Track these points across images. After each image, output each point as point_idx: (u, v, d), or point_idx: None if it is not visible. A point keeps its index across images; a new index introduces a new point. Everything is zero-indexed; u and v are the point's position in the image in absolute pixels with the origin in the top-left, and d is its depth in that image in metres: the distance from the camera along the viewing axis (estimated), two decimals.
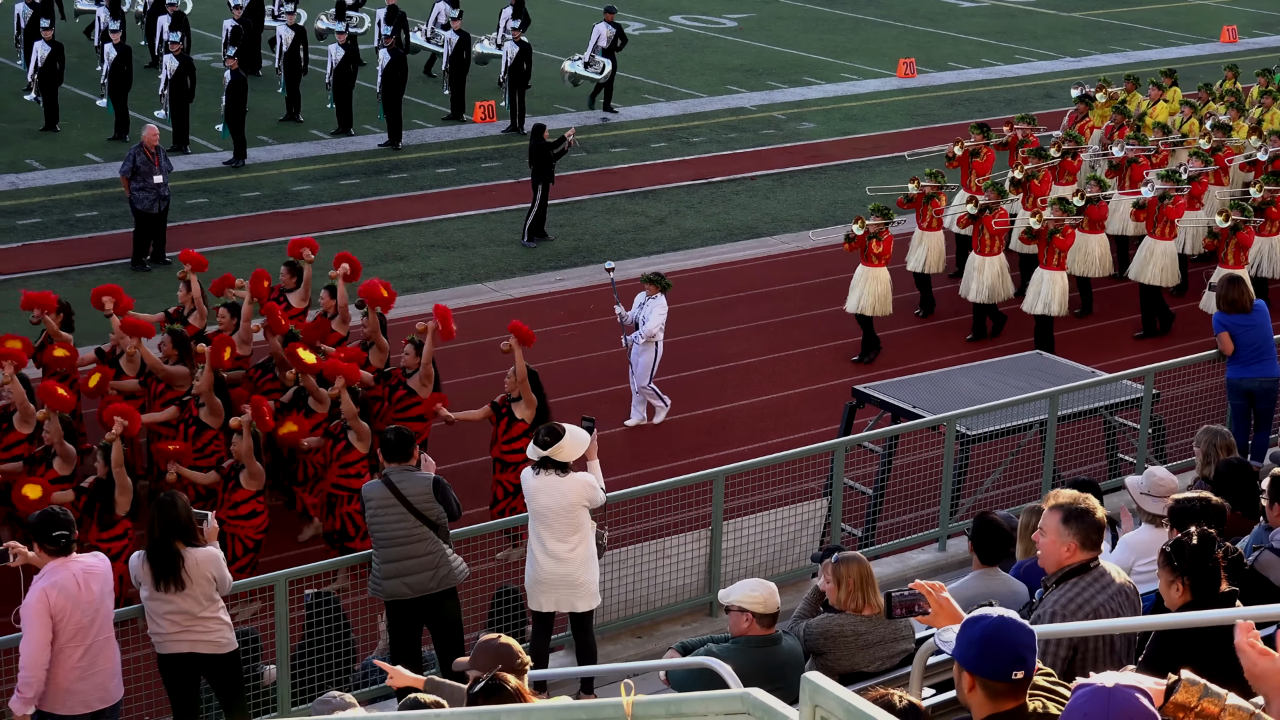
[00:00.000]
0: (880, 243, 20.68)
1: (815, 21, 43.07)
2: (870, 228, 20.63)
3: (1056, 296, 20.87)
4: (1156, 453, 16.48)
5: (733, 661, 8.92)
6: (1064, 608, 7.83)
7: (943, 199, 22.33)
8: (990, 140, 23.71)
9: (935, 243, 22.27)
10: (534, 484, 12.21)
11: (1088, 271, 22.24)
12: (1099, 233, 22.20)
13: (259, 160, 28.82)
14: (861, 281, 20.84)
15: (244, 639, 11.56)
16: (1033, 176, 22.71)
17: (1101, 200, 22.08)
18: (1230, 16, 44.05)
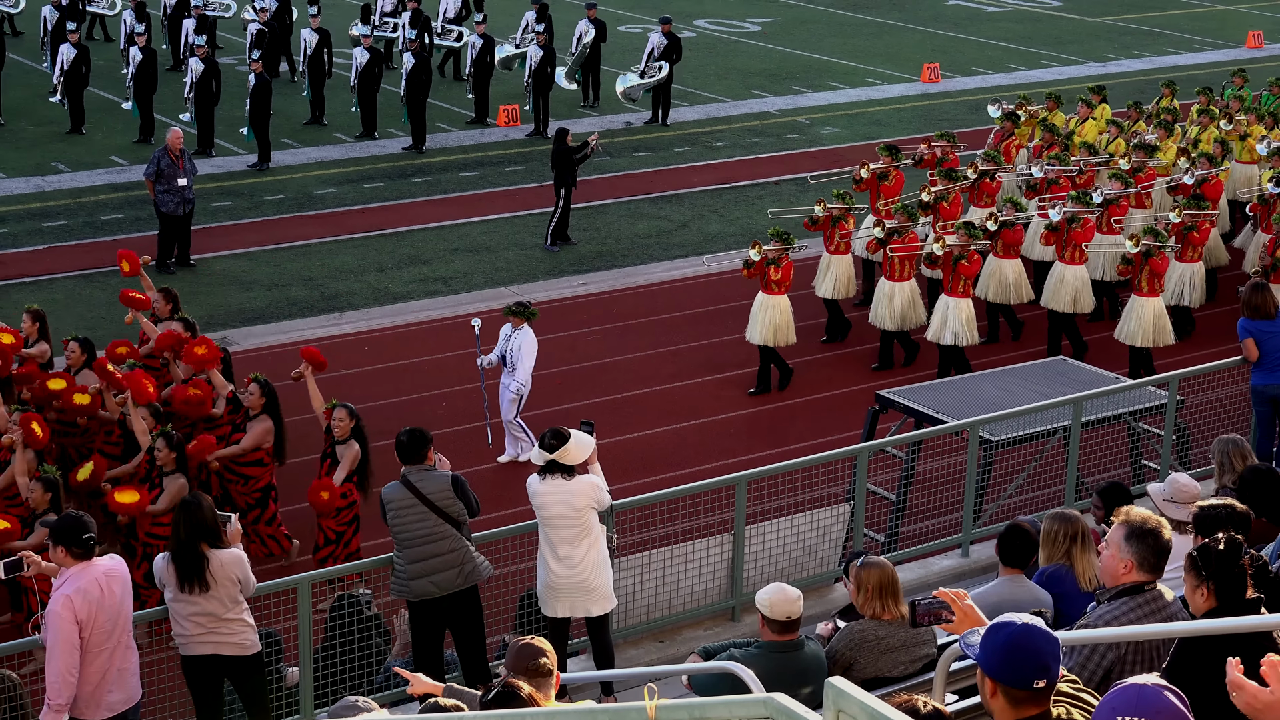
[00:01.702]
0: (779, 269, 19.70)
1: (839, 26, 43.05)
2: (768, 253, 19.70)
3: (964, 324, 19.90)
4: (1180, 459, 16.43)
5: (755, 666, 8.92)
6: (1105, 625, 7.80)
7: (850, 221, 21.43)
8: (899, 162, 22.77)
9: (844, 267, 21.36)
10: (540, 489, 12.19)
11: (1003, 298, 21.28)
12: (1014, 258, 21.28)
13: (283, 163, 28.90)
14: (761, 310, 19.88)
15: (267, 641, 11.58)
16: (942, 199, 21.88)
17: (1017, 224, 21.23)
18: (1256, 22, 43.93)
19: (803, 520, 14.25)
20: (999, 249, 21.03)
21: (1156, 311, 19.94)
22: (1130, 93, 29.76)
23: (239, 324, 21.75)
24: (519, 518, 13.48)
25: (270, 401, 15.67)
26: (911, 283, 20.64)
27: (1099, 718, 4.73)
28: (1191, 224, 21.01)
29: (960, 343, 19.90)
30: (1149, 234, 19.92)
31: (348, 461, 14.79)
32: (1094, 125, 25.77)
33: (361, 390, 19.77)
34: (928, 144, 24.12)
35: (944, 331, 19.96)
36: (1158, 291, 20.06)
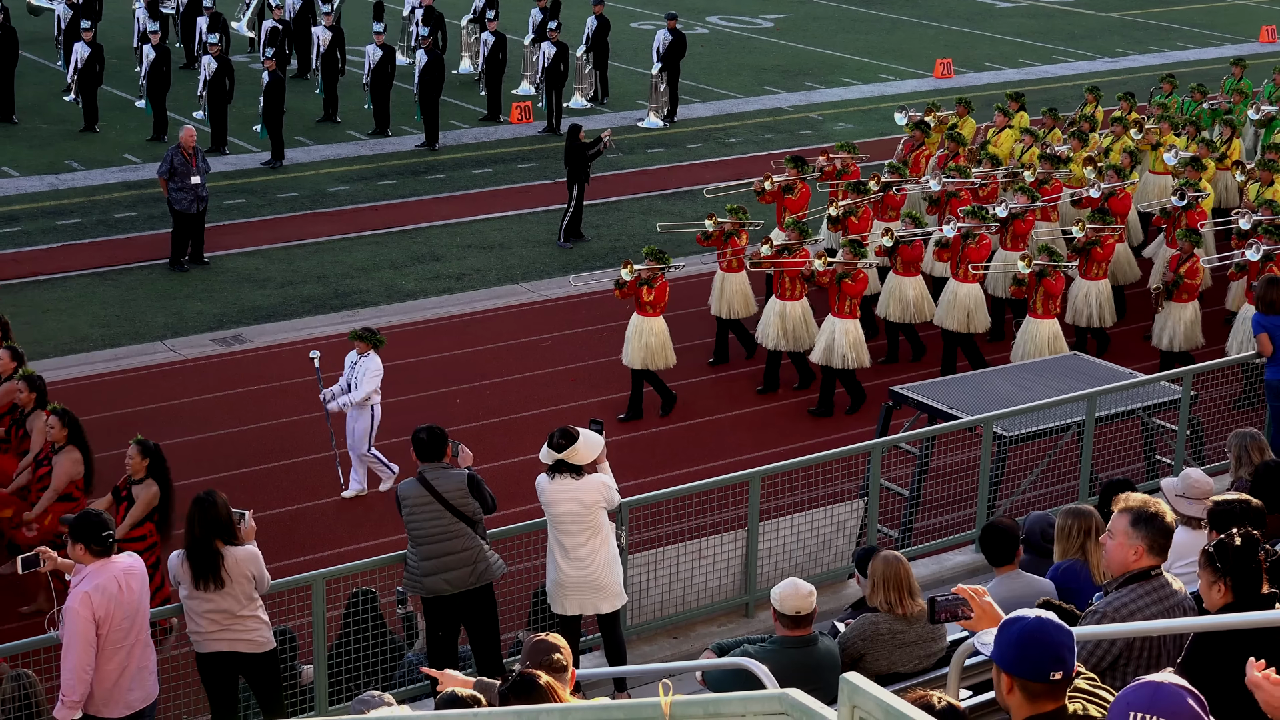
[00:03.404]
0: (652, 290, 18.76)
1: (852, 22, 43.02)
2: (641, 273, 18.75)
3: (851, 346, 18.96)
4: (1195, 454, 16.41)
5: (769, 662, 8.93)
6: (1116, 611, 7.80)
7: (744, 237, 20.37)
8: (805, 174, 22.01)
9: (738, 285, 20.34)
10: (550, 489, 12.18)
11: (903, 317, 20.37)
12: (914, 275, 20.38)
13: (297, 161, 28.93)
14: (634, 333, 18.89)
15: (282, 638, 11.59)
16: (850, 213, 21.08)
17: (917, 239, 20.31)
18: (1269, 16, 43.82)
19: (816, 516, 14.25)
20: (898, 266, 20.23)
21: (1051, 334, 18.98)
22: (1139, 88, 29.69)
23: (252, 321, 21.78)
24: (532, 514, 13.47)
25: (74, 431, 14.55)
26: (803, 301, 19.63)
27: (1115, 714, 4.73)
28: (1095, 239, 20.08)
29: (849, 365, 18.97)
30: (1043, 253, 19.19)
31: (143, 503, 13.67)
32: (1010, 134, 24.84)
33: None
34: (826, 156, 23.13)
35: (831, 354, 19.02)
36: (1052, 313, 19.12)
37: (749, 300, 20.42)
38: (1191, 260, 19.50)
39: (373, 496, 16.91)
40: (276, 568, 12.47)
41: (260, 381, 19.87)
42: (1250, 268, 19.25)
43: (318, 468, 17.85)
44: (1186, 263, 19.51)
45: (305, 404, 19.11)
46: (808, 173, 22.13)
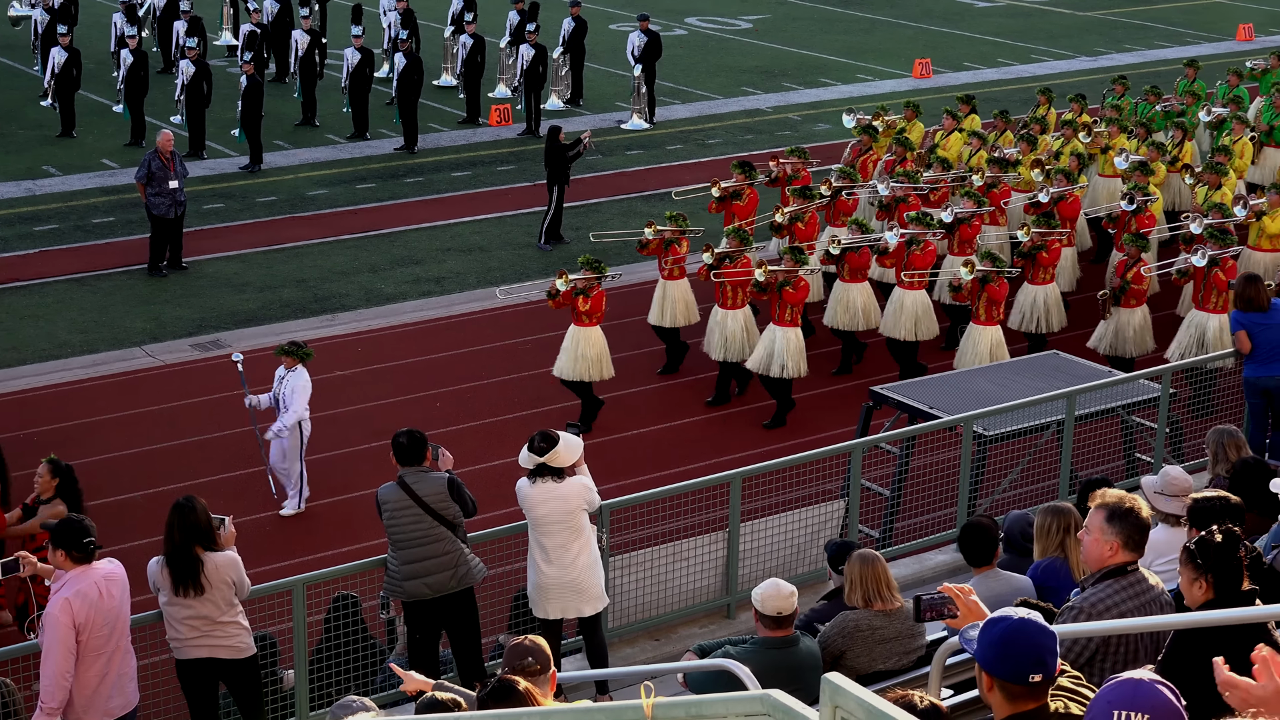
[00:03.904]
0: (588, 299, 18.40)
1: (830, 22, 43.05)
2: (576, 283, 18.40)
3: (792, 355, 18.68)
4: (1174, 452, 16.44)
5: (750, 663, 8.92)
6: (1092, 606, 7.82)
7: (684, 245, 20.10)
8: (753, 180, 21.71)
9: (679, 293, 20.11)
10: (531, 493, 12.18)
11: (850, 325, 20.11)
12: (860, 281, 20.14)
13: (275, 165, 28.88)
14: (571, 344, 18.57)
15: (262, 644, 11.56)
16: (797, 219, 20.80)
17: (864, 247, 19.97)
18: (1246, 15, 43.96)
19: (797, 517, 14.26)
20: (845, 273, 20.02)
21: (995, 340, 18.82)
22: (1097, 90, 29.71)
23: (231, 326, 21.73)
24: (513, 518, 13.46)
25: None
26: (745, 310, 19.41)
27: (1095, 712, 4.73)
28: (1041, 244, 19.99)
29: (788, 374, 18.71)
30: (986, 259, 19.00)
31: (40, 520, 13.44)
32: (959, 138, 24.55)
33: (355, 391, 19.78)
34: (776, 161, 22.86)
35: (771, 363, 18.73)
36: (996, 320, 18.96)
37: (690, 309, 20.18)
38: (1138, 265, 19.37)
39: (355, 500, 16.83)
40: (257, 573, 12.43)
41: (240, 386, 19.78)
42: (1195, 273, 19.14)
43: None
44: (1133, 268, 19.36)
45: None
46: (755, 178, 21.86)
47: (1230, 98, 26.46)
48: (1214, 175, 22.10)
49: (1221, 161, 22.65)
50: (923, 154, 23.58)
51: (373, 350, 21.13)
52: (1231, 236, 19.67)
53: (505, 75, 33.49)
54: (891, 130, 24.75)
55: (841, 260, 19.96)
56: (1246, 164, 24.52)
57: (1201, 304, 19.28)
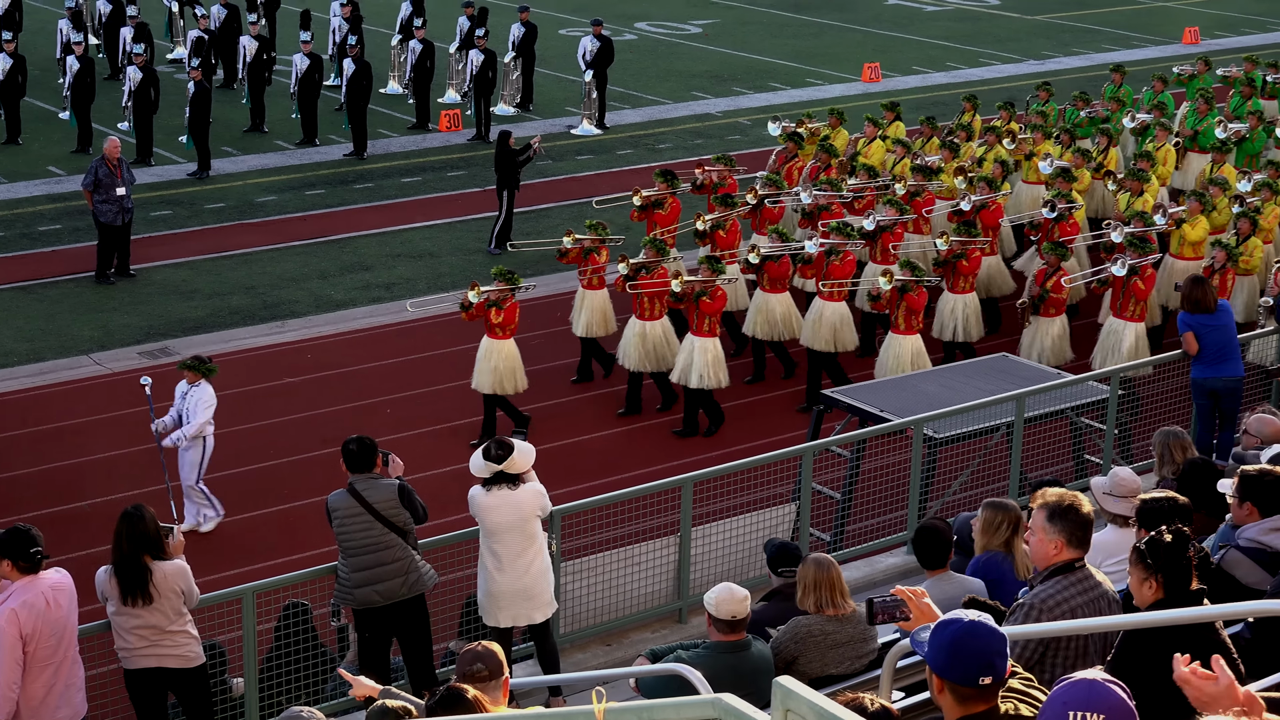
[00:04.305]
0: (501, 311, 18.18)
1: (780, 27, 43.13)
2: (489, 294, 18.15)
3: (710, 365, 18.46)
4: (1122, 453, 16.53)
5: (702, 667, 8.91)
6: (1043, 603, 7.86)
7: (604, 254, 19.88)
8: (676, 188, 21.49)
9: (599, 303, 19.85)
10: (486, 501, 12.15)
11: (771, 334, 19.91)
12: (781, 291, 19.87)
13: (223, 171, 28.74)
14: (484, 357, 18.37)
15: (211, 652, 11.50)
16: (718, 227, 20.62)
17: (784, 255, 19.70)
18: (1192, 18, 44.27)
19: (749, 521, 14.27)
20: (765, 283, 19.79)
21: (914, 350, 18.73)
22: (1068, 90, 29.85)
23: (180, 334, 21.60)
24: (464, 524, 13.43)
25: None
26: (664, 320, 19.21)
27: (1050, 712, 4.74)
28: (961, 252, 19.78)
29: (707, 385, 18.55)
30: (905, 268, 18.81)
31: None
32: (880, 145, 24.43)
33: (305, 398, 19.70)
34: (702, 168, 22.65)
35: (689, 374, 18.56)
36: (915, 329, 18.82)
37: (609, 319, 19.93)
38: (1058, 274, 19.25)
39: (306, 507, 16.74)
40: (206, 582, 12.37)
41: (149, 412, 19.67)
42: (1114, 282, 19.06)
43: (247, 480, 17.73)
44: (1053, 276, 19.26)
45: (232, 416, 19.00)
46: (678, 187, 21.63)
47: (1155, 104, 26.37)
48: (1136, 182, 21.91)
49: (1144, 168, 22.47)
50: (845, 161, 23.36)
51: (322, 357, 21.04)
52: (1151, 245, 19.57)
53: (454, 80, 33.42)
54: (816, 137, 24.52)
55: (761, 269, 19.72)
56: (1170, 170, 24.36)
57: (1120, 312, 19.13)
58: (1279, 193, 21.67)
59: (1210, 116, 25.73)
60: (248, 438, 18.68)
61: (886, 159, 23.90)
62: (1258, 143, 25.28)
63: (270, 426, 18.98)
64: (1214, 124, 25.25)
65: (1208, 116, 25.77)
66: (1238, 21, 44.84)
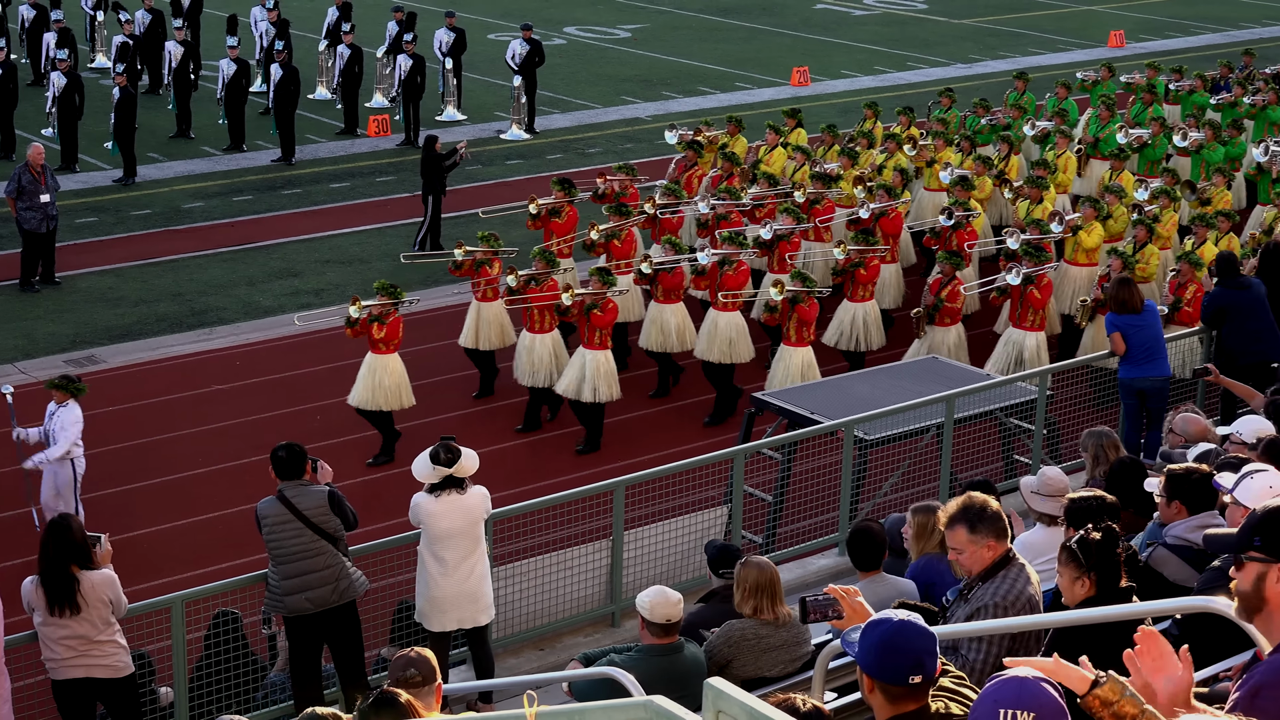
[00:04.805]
0: (384, 326, 17.81)
1: (709, 31, 43.22)
2: (371, 309, 17.78)
3: (602, 379, 18.14)
4: (1051, 453, 16.65)
5: (635, 670, 8.91)
6: (1004, 598, 7.89)
7: (496, 266, 19.43)
8: (573, 197, 21.14)
9: (492, 315, 19.46)
10: (434, 507, 12.12)
11: (664, 346, 19.57)
12: (675, 302, 19.53)
13: (150, 178, 28.52)
14: (369, 372, 17.94)
15: (139, 662, 11.40)
16: (612, 237, 20.33)
17: (677, 266, 19.47)
18: (1117, 21, 44.66)
19: (681, 524, 14.28)
20: (659, 294, 19.49)
21: (805, 362, 18.39)
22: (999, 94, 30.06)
23: (106, 341, 21.41)
24: (394, 530, 13.39)
25: None
26: (554, 334, 18.91)
27: (981, 711, 4.74)
28: (859, 261, 19.61)
29: (600, 398, 18.21)
30: (796, 279, 18.50)
31: None
32: (781, 153, 24.13)
33: (233, 405, 19.56)
34: (603, 177, 22.32)
35: (582, 387, 18.22)
36: (806, 340, 18.49)
37: (505, 331, 19.58)
38: (953, 283, 19.05)
39: (236, 514, 16.61)
40: (134, 591, 12.26)
41: (115, 403, 19.52)
42: (1011, 291, 18.85)
43: (175, 488, 17.60)
44: (948, 286, 19.03)
45: (160, 424, 18.88)
46: (575, 195, 21.28)
47: (1057, 110, 26.36)
48: (1034, 189, 21.82)
49: (1041, 175, 22.31)
50: (746, 169, 23.10)
51: (251, 364, 20.90)
52: (1047, 253, 19.43)
53: (382, 85, 33.29)
54: (715, 146, 24.29)
55: (655, 280, 19.44)
56: (1070, 178, 24.29)
57: (1018, 322, 18.92)
58: (1177, 200, 21.66)
59: (1112, 123, 25.74)
60: (176, 445, 18.54)
61: (787, 166, 23.64)
62: (1159, 149, 25.23)
63: (198, 434, 18.84)
64: (1115, 130, 25.25)
65: (1110, 123, 25.77)
66: (1162, 25, 45.28)
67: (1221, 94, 28.56)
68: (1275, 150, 24.27)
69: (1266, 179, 23.97)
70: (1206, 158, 24.53)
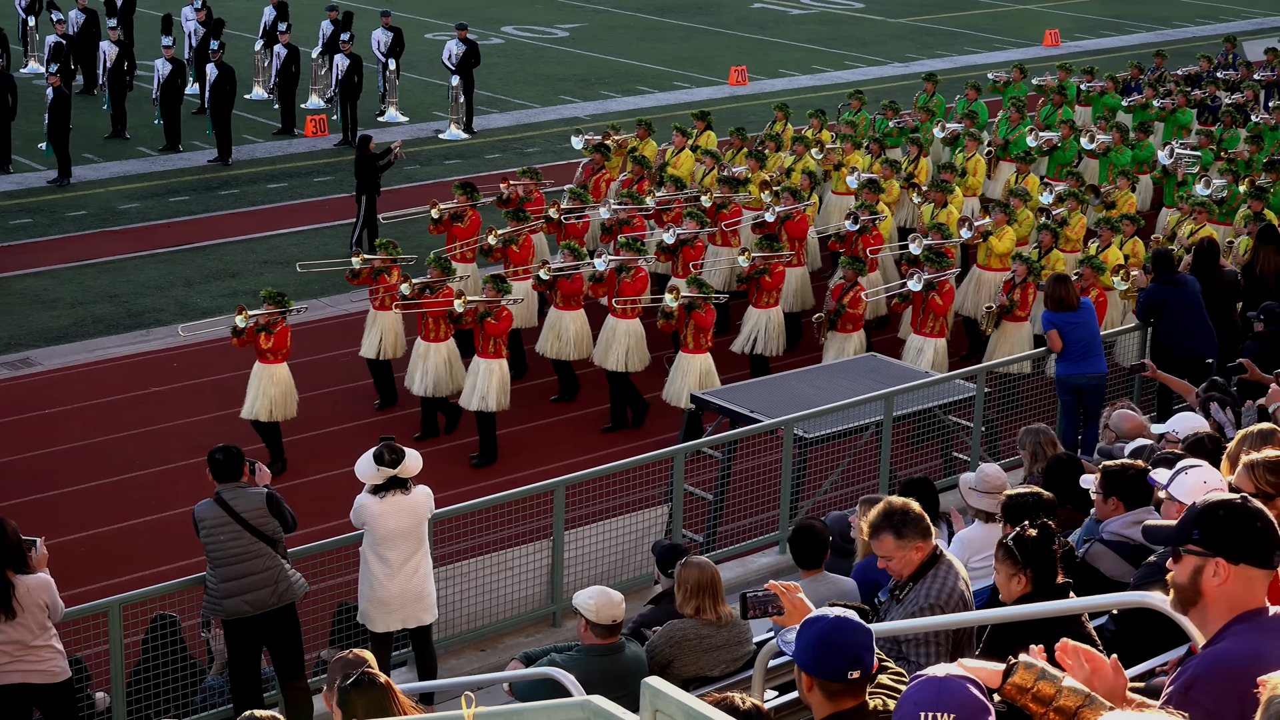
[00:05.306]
0: (271, 336, 17.38)
1: (647, 30, 43.24)
2: (259, 319, 17.34)
3: (494, 388, 17.81)
4: (989, 450, 16.74)
5: (575, 670, 8.90)
6: (938, 597, 7.94)
7: (395, 274, 18.92)
8: (476, 201, 20.71)
9: (390, 324, 19.06)
10: (379, 508, 12.10)
11: (561, 353, 19.29)
12: (575, 309, 19.20)
13: (85, 179, 28.29)
14: (256, 382, 17.50)
15: (75, 667, 11.31)
16: (510, 242, 19.99)
17: (577, 272, 19.04)
18: (1053, 20, 44.95)
19: (621, 523, 14.29)
20: (558, 300, 19.16)
21: (704, 368, 18.13)
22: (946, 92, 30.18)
23: (42, 344, 21.24)
24: (334, 532, 13.34)
25: None
26: (449, 343, 18.50)
27: (902, 713, 4.74)
28: (763, 268, 19.30)
29: (489, 408, 17.86)
30: (693, 285, 18.23)
31: None
32: (689, 156, 23.85)
33: (171, 408, 19.44)
34: (507, 182, 21.84)
35: (472, 396, 17.92)
36: (704, 347, 18.16)
37: (400, 339, 19.20)
38: (855, 288, 18.80)
39: (174, 517, 16.49)
40: (71, 595, 12.16)
41: (52, 405, 19.38)
42: (913, 298, 18.80)
43: (113, 491, 17.48)
44: (850, 291, 18.79)
45: (97, 427, 18.73)
46: (477, 200, 20.85)
47: (967, 112, 26.30)
48: (939, 194, 21.64)
49: (947, 179, 22.04)
50: (653, 173, 22.79)
51: (188, 366, 20.77)
52: (948, 259, 19.25)
53: (318, 86, 33.13)
54: (624, 149, 23.94)
55: (554, 286, 19.11)
56: (980, 181, 24.14)
57: (919, 328, 18.79)
58: (1085, 202, 21.56)
59: (1022, 125, 25.66)
60: (114, 447, 18.41)
61: (696, 169, 23.42)
62: (1069, 152, 25.08)
63: (136, 436, 18.71)
64: (1025, 133, 25.10)
65: (1020, 125, 25.70)
66: (1096, 24, 45.60)
67: (1133, 96, 28.50)
68: (1180, 153, 24.22)
69: (1172, 181, 23.73)
70: (1114, 160, 24.39)
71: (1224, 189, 22.16)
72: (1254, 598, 5.06)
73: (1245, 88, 29.37)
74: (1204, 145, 24.81)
